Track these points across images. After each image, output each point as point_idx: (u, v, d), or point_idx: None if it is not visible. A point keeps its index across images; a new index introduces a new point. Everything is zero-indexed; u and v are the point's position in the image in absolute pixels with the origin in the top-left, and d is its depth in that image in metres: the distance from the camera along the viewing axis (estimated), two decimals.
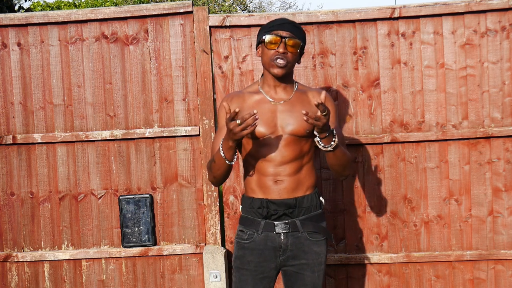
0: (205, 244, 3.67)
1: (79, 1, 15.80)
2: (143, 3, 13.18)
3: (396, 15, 3.53)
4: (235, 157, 2.47)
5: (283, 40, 2.52)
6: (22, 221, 3.73)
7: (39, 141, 3.67)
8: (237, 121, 2.30)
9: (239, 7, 17.88)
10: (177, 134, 3.63)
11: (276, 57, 2.52)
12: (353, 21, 3.57)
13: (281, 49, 2.52)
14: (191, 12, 3.60)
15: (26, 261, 3.72)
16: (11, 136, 3.67)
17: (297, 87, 2.67)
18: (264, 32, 2.57)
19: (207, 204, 3.64)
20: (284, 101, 2.61)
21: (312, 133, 2.58)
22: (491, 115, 3.55)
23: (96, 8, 3.65)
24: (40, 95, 3.69)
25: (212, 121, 3.61)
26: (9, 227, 3.74)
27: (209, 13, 3.63)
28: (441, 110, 3.57)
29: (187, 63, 3.64)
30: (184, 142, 3.66)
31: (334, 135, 2.43)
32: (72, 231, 3.72)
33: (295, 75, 3.58)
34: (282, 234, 2.59)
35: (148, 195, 3.66)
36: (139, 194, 3.66)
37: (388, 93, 3.59)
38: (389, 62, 3.58)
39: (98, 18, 3.63)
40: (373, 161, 3.61)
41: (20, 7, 10.62)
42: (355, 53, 3.59)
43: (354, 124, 3.61)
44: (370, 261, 3.62)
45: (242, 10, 17.93)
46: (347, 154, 2.57)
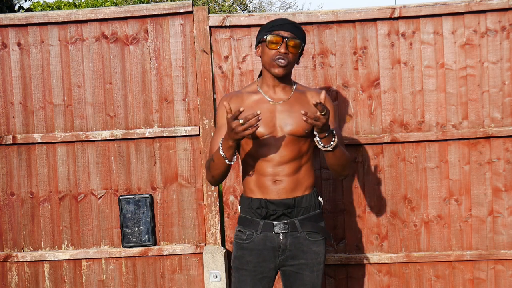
0: (205, 244, 3.67)
1: (79, 1, 15.79)
2: (143, 3, 13.17)
3: (396, 15, 3.53)
4: (235, 157, 2.46)
5: (285, 41, 2.51)
6: (22, 221, 3.73)
7: (39, 141, 3.67)
8: (240, 121, 2.29)
9: (239, 7, 17.88)
10: (177, 134, 3.64)
11: (278, 57, 2.52)
12: (353, 21, 3.57)
13: (283, 49, 2.52)
14: (191, 12, 3.60)
15: (26, 261, 3.72)
16: (11, 136, 3.67)
17: (296, 87, 2.67)
18: (265, 32, 2.56)
19: (207, 204, 3.64)
20: (283, 101, 2.60)
21: (311, 133, 2.58)
22: (491, 115, 3.55)
23: (96, 8, 3.65)
24: (40, 95, 3.69)
25: (212, 121, 3.61)
26: (9, 227, 3.74)
27: (209, 13, 3.63)
28: (441, 110, 3.57)
29: (187, 63, 3.64)
30: (184, 142, 3.66)
31: (334, 135, 2.43)
32: (72, 231, 3.72)
33: (295, 75, 3.58)
34: (281, 234, 2.59)
35: (148, 195, 3.66)
36: (139, 194, 3.66)
37: (388, 93, 3.59)
38: (389, 62, 3.58)
39: (98, 18, 3.63)
40: (373, 161, 3.61)
41: (20, 7, 10.61)
42: (355, 53, 3.59)
43: (354, 124, 3.61)
44: (370, 261, 3.62)
45: (242, 10, 17.93)
46: (347, 154, 2.57)
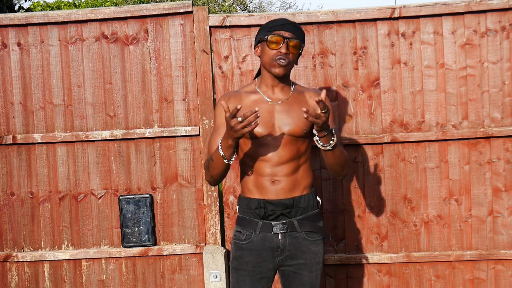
0: (205, 244, 3.67)
1: (79, 1, 15.80)
2: (143, 3, 13.17)
3: (396, 15, 3.53)
4: (234, 156, 2.46)
5: (286, 41, 2.51)
6: (22, 221, 3.73)
7: (39, 141, 3.67)
8: (239, 119, 2.29)
9: (239, 7, 17.88)
10: (177, 134, 3.64)
11: (279, 57, 2.52)
12: (353, 21, 3.57)
13: (284, 50, 2.51)
14: (191, 12, 3.60)
15: (26, 261, 3.72)
16: (11, 136, 3.67)
17: (295, 88, 2.67)
18: (265, 32, 2.56)
19: (207, 204, 3.64)
20: (282, 101, 2.60)
21: (310, 134, 2.58)
22: (491, 115, 3.55)
23: (96, 8, 3.65)
24: (40, 95, 3.69)
25: (212, 121, 3.61)
26: (9, 227, 3.74)
27: (209, 13, 3.63)
28: (441, 110, 3.57)
29: (187, 63, 3.64)
30: (184, 142, 3.66)
31: (333, 134, 2.43)
32: (72, 231, 3.72)
33: (295, 75, 3.58)
34: (280, 234, 2.58)
35: (148, 195, 3.66)
36: (139, 194, 3.66)
37: (388, 93, 3.59)
38: (389, 62, 3.58)
39: (98, 18, 3.63)
40: (373, 161, 3.61)
41: (20, 7, 10.61)
42: (355, 53, 3.59)
43: (354, 124, 3.61)
44: (370, 261, 3.62)
45: (242, 10, 17.93)
46: (345, 154, 2.57)
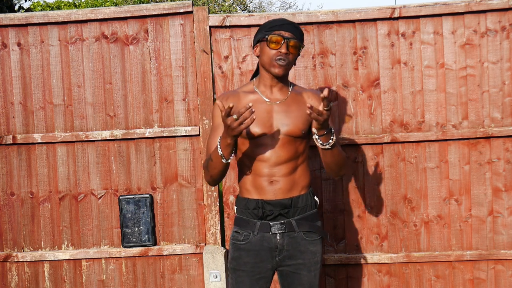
0: (205, 244, 3.67)
1: (79, 1, 15.79)
2: (143, 3, 13.17)
3: (396, 15, 3.53)
4: (232, 156, 2.46)
5: (285, 41, 2.51)
6: (22, 221, 3.73)
7: (39, 141, 3.67)
8: (234, 116, 2.29)
9: (239, 7, 17.88)
10: (177, 134, 3.64)
11: (279, 57, 2.52)
12: (353, 21, 3.57)
13: (283, 50, 2.51)
14: (191, 12, 3.61)
15: (26, 261, 3.72)
16: (11, 136, 3.67)
17: (293, 88, 2.67)
18: (265, 32, 2.55)
19: (207, 204, 3.64)
20: (280, 102, 2.60)
21: (308, 134, 2.60)
22: (491, 115, 3.55)
23: (96, 8, 3.65)
24: (40, 95, 3.69)
25: None
26: (9, 227, 3.74)
27: (209, 13, 3.63)
28: (441, 110, 3.57)
29: (187, 63, 3.64)
30: (184, 142, 3.66)
31: (333, 133, 2.44)
32: (72, 231, 3.72)
33: (295, 75, 3.58)
34: (278, 235, 2.58)
35: (148, 195, 3.66)
36: (139, 194, 3.66)
37: (388, 93, 3.59)
38: (389, 62, 3.58)
39: (98, 18, 3.63)
40: (373, 161, 3.61)
41: (20, 7, 10.61)
42: (355, 53, 3.59)
43: (354, 124, 3.61)
44: (370, 261, 3.62)
45: (242, 10, 17.93)
46: (343, 154, 2.58)
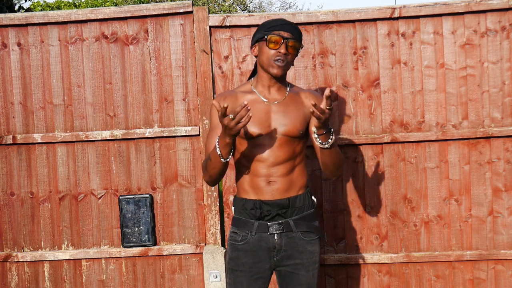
0: (205, 244, 3.67)
1: (79, 1, 15.78)
2: (143, 3, 13.18)
3: (396, 15, 3.53)
4: (231, 155, 2.46)
5: (285, 41, 2.52)
6: (22, 221, 3.73)
7: (39, 141, 3.67)
8: (230, 116, 2.29)
9: (239, 7, 17.87)
10: (177, 134, 3.64)
11: (278, 58, 2.52)
12: (353, 21, 3.57)
13: (283, 50, 2.51)
14: (191, 12, 3.60)
15: (26, 261, 3.72)
16: (11, 136, 3.67)
17: (290, 88, 2.67)
18: (264, 31, 2.55)
19: (207, 204, 3.64)
20: (278, 102, 2.60)
21: (305, 134, 2.61)
22: (491, 115, 3.55)
23: (96, 8, 3.65)
24: (40, 95, 3.69)
25: None
26: (9, 227, 3.74)
27: (209, 13, 3.63)
28: (441, 110, 3.57)
29: (187, 63, 3.64)
30: (184, 142, 3.66)
31: (332, 133, 2.45)
32: (72, 231, 3.72)
33: (295, 75, 3.58)
34: (276, 235, 2.58)
35: (148, 195, 3.66)
36: (139, 194, 3.66)
37: (388, 93, 3.59)
38: (389, 62, 3.58)
39: (98, 18, 3.63)
40: (373, 161, 3.61)
41: (20, 7, 10.62)
42: (355, 53, 3.59)
43: (354, 124, 3.61)
44: (370, 261, 3.62)
45: (242, 10, 17.92)
46: (341, 154, 2.60)
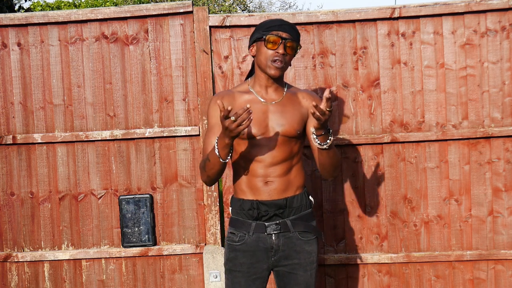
0: (205, 244, 3.67)
1: (79, 1, 15.79)
2: (143, 3, 13.17)
3: (396, 15, 3.53)
4: (230, 156, 2.46)
5: (283, 41, 2.51)
6: (22, 221, 3.73)
7: (39, 141, 3.67)
8: (232, 118, 2.27)
9: (239, 7, 17.88)
10: (177, 134, 3.64)
11: (275, 58, 2.51)
12: (353, 21, 3.57)
13: (281, 50, 2.51)
14: (191, 12, 3.60)
15: (26, 261, 3.72)
16: (11, 136, 3.67)
17: (287, 88, 2.67)
18: (263, 31, 2.55)
19: (207, 204, 3.64)
20: (276, 102, 2.60)
21: (302, 134, 2.61)
22: (491, 115, 3.55)
23: (96, 8, 3.65)
24: (40, 95, 3.69)
25: None
26: (9, 227, 3.74)
27: (209, 13, 3.63)
28: (441, 110, 3.57)
29: (187, 63, 3.64)
30: (184, 142, 3.66)
31: (331, 134, 2.45)
32: (72, 231, 3.72)
33: (295, 75, 3.58)
34: (273, 235, 2.58)
35: (148, 195, 3.66)
36: (139, 194, 3.66)
37: (388, 93, 3.59)
38: (389, 62, 3.58)
39: (98, 18, 3.63)
40: (373, 161, 3.61)
41: (20, 7, 10.62)
42: (355, 53, 3.59)
43: (354, 124, 3.61)
44: (370, 261, 3.62)
45: (242, 10, 17.92)
46: (339, 155, 2.60)
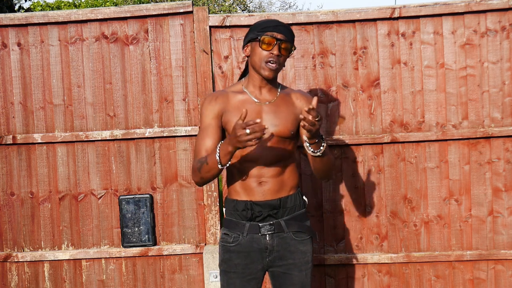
0: (205, 244, 3.67)
1: (79, 1, 15.79)
2: (143, 3, 13.17)
3: (396, 15, 3.53)
4: (229, 162, 2.43)
5: (278, 43, 2.50)
6: (22, 221, 3.73)
7: (39, 141, 3.67)
8: (247, 131, 2.22)
9: (239, 7, 17.88)
10: (177, 134, 3.63)
11: (270, 59, 2.50)
12: (353, 21, 3.57)
13: (276, 51, 2.50)
14: (191, 12, 3.60)
15: (26, 261, 3.72)
16: (11, 136, 3.67)
17: (281, 89, 2.67)
18: (257, 32, 2.53)
19: (207, 204, 3.65)
20: (269, 102, 2.59)
21: (296, 134, 2.60)
22: (491, 115, 3.55)
23: (96, 8, 3.65)
24: (40, 95, 3.69)
25: None
26: (9, 227, 3.74)
27: (209, 13, 3.63)
28: (441, 110, 3.57)
29: (187, 63, 3.64)
30: (184, 142, 3.66)
31: (324, 141, 2.44)
32: (72, 231, 3.72)
33: (295, 75, 3.58)
34: (268, 236, 2.57)
35: (148, 195, 3.66)
36: (139, 194, 3.66)
37: (388, 93, 3.59)
38: (389, 62, 3.58)
39: (98, 18, 3.63)
40: (373, 161, 3.61)
41: (20, 7, 10.63)
42: (355, 53, 3.59)
43: (354, 124, 3.61)
44: (370, 261, 3.62)
45: (242, 10, 17.93)
46: (332, 159, 2.60)
